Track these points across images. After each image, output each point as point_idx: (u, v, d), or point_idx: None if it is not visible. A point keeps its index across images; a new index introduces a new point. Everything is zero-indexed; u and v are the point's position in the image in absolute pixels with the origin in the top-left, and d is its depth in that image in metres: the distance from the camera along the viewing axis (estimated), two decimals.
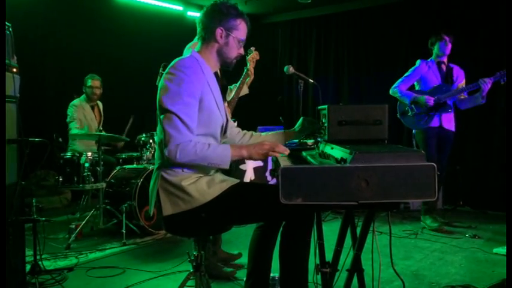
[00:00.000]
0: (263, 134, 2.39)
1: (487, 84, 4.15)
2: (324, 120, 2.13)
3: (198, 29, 2.09)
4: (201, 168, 1.96)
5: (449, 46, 4.44)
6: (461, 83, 4.49)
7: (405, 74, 4.59)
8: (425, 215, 4.50)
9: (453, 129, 4.52)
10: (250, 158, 2.01)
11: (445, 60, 4.52)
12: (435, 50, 4.48)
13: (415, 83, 4.63)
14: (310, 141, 4.36)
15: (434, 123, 4.43)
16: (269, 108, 7.24)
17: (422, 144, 4.46)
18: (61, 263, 3.48)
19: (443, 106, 4.38)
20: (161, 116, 1.92)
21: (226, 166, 1.94)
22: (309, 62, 7.38)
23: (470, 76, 4.43)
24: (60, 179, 4.16)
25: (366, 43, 6.65)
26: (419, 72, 4.54)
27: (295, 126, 2.39)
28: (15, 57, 2.73)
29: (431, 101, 4.35)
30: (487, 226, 4.60)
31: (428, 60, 4.56)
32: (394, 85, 4.58)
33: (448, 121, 4.47)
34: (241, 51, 2.13)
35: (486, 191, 5.39)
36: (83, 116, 4.83)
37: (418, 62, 4.57)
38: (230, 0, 2.08)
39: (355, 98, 6.68)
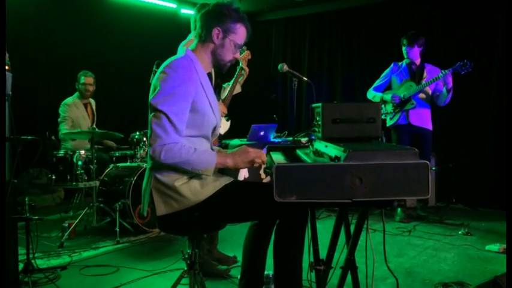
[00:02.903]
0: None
1: (447, 76, 4.24)
2: (318, 118, 2.14)
3: (197, 26, 2.05)
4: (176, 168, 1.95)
5: (414, 49, 4.59)
6: (428, 77, 4.58)
7: (380, 76, 4.82)
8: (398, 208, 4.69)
9: (427, 126, 4.61)
10: (235, 167, 1.99)
11: (417, 61, 4.65)
12: (404, 53, 4.66)
13: (391, 85, 4.79)
14: (304, 139, 4.37)
15: (402, 120, 4.58)
16: (263, 106, 7.24)
17: (395, 142, 4.59)
18: (54, 262, 3.47)
19: (406, 103, 4.52)
20: (150, 115, 1.90)
21: (209, 173, 1.92)
22: (302, 60, 7.38)
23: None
24: (53, 177, 4.13)
25: (360, 41, 6.66)
26: (390, 73, 4.74)
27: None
28: (7, 55, 2.71)
29: (397, 98, 4.52)
30: (479, 223, 4.64)
31: (400, 63, 4.73)
32: (370, 88, 4.81)
33: (417, 118, 4.56)
34: (237, 55, 2.10)
35: (478, 189, 5.44)
36: (75, 115, 4.80)
37: (392, 64, 4.76)
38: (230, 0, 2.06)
39: (349, 96, 6.69)
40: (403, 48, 4.64)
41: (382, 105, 4.64)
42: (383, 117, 4.66)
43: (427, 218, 4.71)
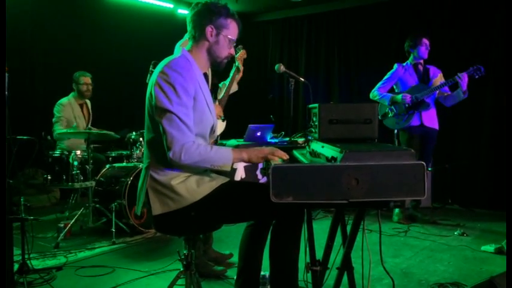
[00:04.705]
0: None
1: (463, 79, 4.25)
2: (314, 119, 2.14)
3: (189, 28, 2.08)
4: (192, 167, 1.95)
5: (423, 48, 4.54)
6: (437, 78, 4.57)
7: (383, 78, 4.75)
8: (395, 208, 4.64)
9: (436, 127, 4.60)
10: (250, 161, 2.02)
11: (422, 61, 4.61)
12: (414, 53, 4.59)
13: (394, 86, 4.75)
14: (301, 140, 4.37)
15: (415, 121, 4.53)
16: (260, 107, 7.24)
17: (405, 143, 4.55)
18: (50, 262, 3.45)
19: (421, 104, 4.48)
20: (157, 117, 1.90)
21: (228, 168, 1.95)
22: (299, 61, 7.38)
23: (456, 73, 4.42)
24: (49, 177, 4.12)
25: (357, 42, 6.68)
26: (397, 75, 4.68)
27: None
28: None
29: (407, 98, 4.46)
30: (475, 224, 4.65)
31: (404, 64, 4.68)
32: (374, 89, 4.75)
33: (430, 119, 4.55)
34: (232, 51, 2.13)
35: (474, 190, 5.45)
36: (70, 115, 4.78)
37: (395, 66, 4.71)
38: (221, 0, 2.09)
39: (345, 97, 6.70)
40: (423, 47, 4.51)
41: (392, 106, 4.59)
42: (390, 115, 4.62)
43: (419, 218, 4.71)
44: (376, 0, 6.35)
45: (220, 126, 3.42)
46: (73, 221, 4.08)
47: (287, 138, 4.78)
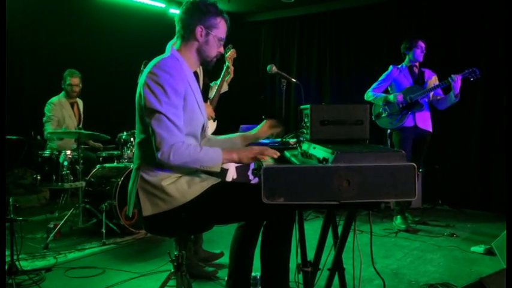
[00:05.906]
0: (221, 137, 2.37)
1: (456, 81, 4.25)
2: (306, 120, 2.14)
3: (177, 27, 2.07)
4: (182, 167, 1.94)
5: (418, 51, 4.53)
6: (431, 80, 4.59)
7: (378, 79, 4.74)
8: (396, 215, 4.57)
9: (429, 129, 4.61)
10: (240, 162, 2.01)
11: (417, 64, 4.62)
12: (410, 55, 4.58)
13: (389, 88, 4.74)
14: (292, 141, 4.37)
15: (409, 122, 4.51)
16: (252, 107, 7.24)
17: (397, 144, 4.53)
18: (39, 263, 3.42)
19: (415, 105, 4.48)
20: (146, 118, 1.89)
21: (217, 169, 1.94)
22: (291, 61, 7.40)
23: (445, 76, 4.45)
24: (38, 177, 4.07)
25: (349, 43, 6.70)
26: (391, 76, 4.67)
27: (255, 129, 2.39)
28: None
29: (399, 97, 4.44)
30: (464, 225, 4.69)
31: (399, 66, 4.67)
32: (369, 90, 4.75)
33: (423, 121, 4.56)
34: (221, 49, 2.12)
35: (464, 190, 5.50)
36: (61, 114, 4.74)
37: (390, 67, 4.70)
38: None
39: (337, 98, 6.72)
40: (419, 50, 4.50)
41: (386, 106, 4.60)
42: (383, 115, 4.63)
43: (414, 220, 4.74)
44: (368, 2, 6.38)
45: (211, 126, 3.42)
46: (63, 221, 4.05)
47: (279, 139, 4.78)
